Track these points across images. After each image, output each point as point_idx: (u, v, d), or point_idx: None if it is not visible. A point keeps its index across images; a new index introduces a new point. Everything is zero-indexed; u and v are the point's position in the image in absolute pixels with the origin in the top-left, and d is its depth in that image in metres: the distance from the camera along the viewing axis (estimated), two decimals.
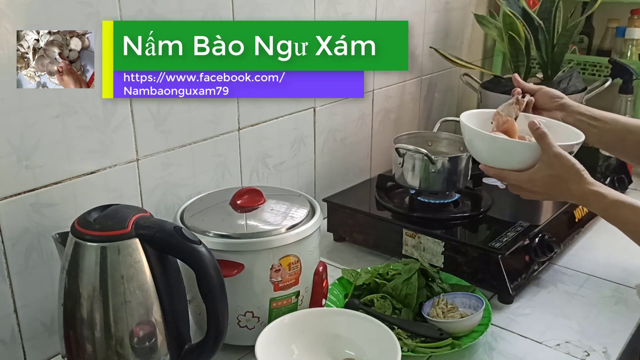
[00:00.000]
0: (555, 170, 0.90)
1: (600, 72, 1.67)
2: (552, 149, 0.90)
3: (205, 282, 0.76)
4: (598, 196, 0.89)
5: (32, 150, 0.83)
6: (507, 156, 0.96)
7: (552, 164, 0.90)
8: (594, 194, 0.89)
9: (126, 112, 0.94)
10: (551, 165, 0.90)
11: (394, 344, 0.83)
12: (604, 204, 0.88)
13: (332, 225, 1.28)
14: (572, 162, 0.90)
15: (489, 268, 1.07)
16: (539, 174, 0.91)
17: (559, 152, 0.90)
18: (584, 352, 0.93)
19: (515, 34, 1.42)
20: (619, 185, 1.45)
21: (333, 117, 1.35)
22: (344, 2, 1.28)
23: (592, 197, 0.89)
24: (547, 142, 0.90)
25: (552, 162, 0.90)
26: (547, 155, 0.90)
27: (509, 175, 0.95)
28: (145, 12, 0.92)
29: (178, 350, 0.80)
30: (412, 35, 1.53)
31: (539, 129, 0.91)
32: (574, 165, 0.90)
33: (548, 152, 0.90)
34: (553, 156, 0.90)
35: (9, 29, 0.78)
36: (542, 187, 0.92)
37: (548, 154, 0.90)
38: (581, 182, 0.89)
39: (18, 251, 0.85)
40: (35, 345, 0.90)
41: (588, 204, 0.91)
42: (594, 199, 0.89)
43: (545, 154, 0.91)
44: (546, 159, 0.91)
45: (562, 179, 0.90)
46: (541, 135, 0.91)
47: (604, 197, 0.88)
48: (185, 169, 1.06)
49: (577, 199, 0.91)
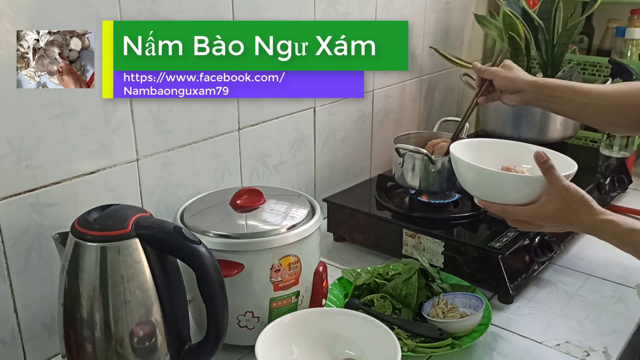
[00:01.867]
0: (565, 203, 0.89)
1: (600, 72, 1.67)
2: (561, 182, 0.89)
3: (205, 282, 0.76)
4: (611, 224, 0.87)
5: (32, 150, 0.83)
6: (511, 191, 0.93)
7: (561, 197, 0.88)
8: (606, 223, 0.87)
9: (126, 112, 0.94)
10: (561, 197, 0.89)
11: (394, 344, 0.83)
12: (618, 232, 0.87)
13: (332, 225, 1.28)
14: (581, 193, 0.89)
15: (489, 268, 1.07)
16: (548, 207, 0.89)
17: (568, 185, 0.89)
18: (584, 352, 0.93)
19: (515, 34, 1.42)
20: (619, 185, 1.45)
21: (333, 117, 1.35)
22: (344, 2, 1.28)
23: (604, 226, 0.87)
24: (555, 174, 0.89)
25: (561, 195, 0.88)
26: (556, 188, 0.89)
27: (516, 210, 0.92)
28: (145, 12, 0.92)
29: (178, 350, 0.80)
30: (412, 35, 1.53)
31: (547, 161, 0.89)
32: (583, 196, 0.89)
33: (557, 184, 0.89)
34: (562, 188, 0.88)
35: (9, 29, 0.78)
36: (551, 220, 0.91)
37: (557, 187, 0.89)
38: (592, 213, 0.88)
39: (18, 251, 0.85)
40: (35, 345, 0.90)
41: (600, 233, 0.89)
42: (607, 227, 0.87)
43: (554, 186, 0.89)
44: (555, 192, 0.89)
45: (572, 210, 0.89)
46: (549, 168, 0.89)
47: (617, 225, 0.87)
48: (185, 169, 1.06)
49: (588, 228, 0.90)
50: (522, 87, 1.06)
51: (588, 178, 1.40)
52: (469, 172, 0.97)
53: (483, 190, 0.96)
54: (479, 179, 0.96)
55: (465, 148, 1.03)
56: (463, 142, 1.07)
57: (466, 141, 1.09)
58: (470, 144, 1.08)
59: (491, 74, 1.10)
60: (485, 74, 1.11)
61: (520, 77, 1.07)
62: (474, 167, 0.95)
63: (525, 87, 1.06)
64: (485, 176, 0.94)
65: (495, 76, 1.09)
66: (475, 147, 1.05)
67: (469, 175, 0.98)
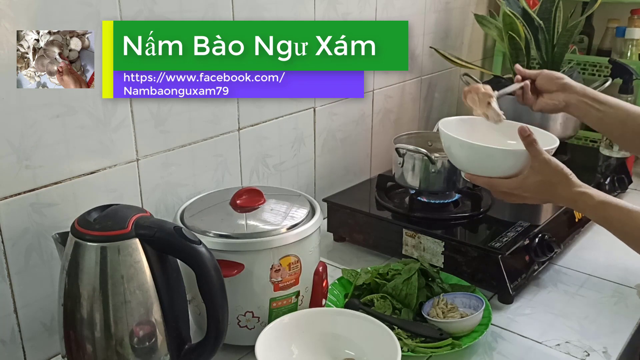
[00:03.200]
0: (545, 176, 0.92)
1: (600, 72, 1.67)
2: (542, 155, 0.92)
3: (205, 282, 0.76)
4: (585, 197, 0.90)
5: (32, 150, 0.83)
6: (496, 164, 0.97)
7: (542, 170, 0.92)
8: (581, 195, 0.91)
9: (126, 112, 0.94)
10: (541, 171, 0.92)
11: (394, 344, 0.83)
12: (591, 204, 0.90)
13: (332, 225, 1.28)
14: (561, 166, 0.92)
15: (489, 268, 1.07)
16: (530, 179, 0.93)
17: (549, 158, 0.92)
18: (584, 352, 0.93)
19: (515, 34, 1.42)
20: (619, 185, 1.45)
21: (333, 117, 1.35)
22: (344, 2, 1.29)
23: (579, 199, 0.91)
24: (537, 148, 0.92)
25: (542, 168, 0.92)
26: (537, 161, 0.92)
27: (499, 183, 0.96)
28: (145, 12, 0.92)
29: (178, 350, 0.80)
30: (412, 35, 1.53)
31: (529, 135, 0.92)
32: (562, 169, 0.92)
33: (538, 158, 0.92)
34: (543, 162, 0.92)
35: (9, 29, 0.78)
36: (532, 192, 0.94)
37: (538, 160, 0.92)
38: (569, 185, 0.91)
39: (18, 251, 0.85)
40: (35, 345, 0.90)
41: (576, 206, 0.93)
42: (582, 200, 0.91)
43: (536, 160, 0.92)
44: (537, 165, 0.92)
45: (551, 183, 0.92)
46: (532, 142, 0.92)
47: (591, 197, 0.90)
48: (185, 169, 1.06)
49: (566, 201, 0.93)
50: (568, 85, 1.06)
51: (588, 178, 1.39)
52: (457, 147, 1.01)
53: (470, 163, 1.00)
54: (466, 153, 1.00)
55: (456, 125, 1.06)
56: (453, 120, 1.10)
57: (456, 118, 1.12)
58: (461, 121, 1.11)
59: (535, 74, 1.09)
60: (528, 73, 1.10)
61: (566, 77, 1.07)
62: (462, 142, 0.99)
63: (571, 85, 1.06)
64: (472, 150, 0.98)
65: (539, 73, 1.09)
66: (465, 125, 1.08)
67: (457, 149, 1.02)
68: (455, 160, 1.04)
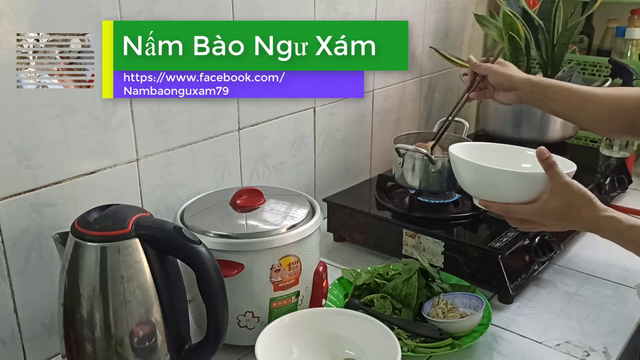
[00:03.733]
0: (568, 199, 0.88)
1: (600, 72, 1.67)
2: (563, 178, 0.88)
3: (205, 282, 0.76)
4: (613, 221, 0.86)
5: (32, 150, 0.83)
6: (513, 189, 0.91)
7: (564, 193, 0.88)
8: (608, 220, 0.86)
9: (126, 112, 0.94)
10: (563, 194, 0.88)
11: (394, 344, 0.83)
12: (620, 230, 0.86)
13: (332, 225, 1.28)
14: (583, 189, 0.88)
15: (489, 268, 1.07)
16: (550, 204, 0.88)
17: (570, 181, 0.88)
18: (584, 352, 0.93)
19: (515, 34, 1.42)
20: (619, 185, 1.45)
21: (333, 117, 1.35)
22: (344, 2, 1.29)
23: (606, 223, 0.87)
24: (558, 171, 0.88)
25: (563, 191, 0.88)
26: (557, 185, 0.88)
27: (516, 209, 0.91)
28: (145, 12, 0.92)
29: (178, 350, 0.80)
30: (412, 35, 1.53)
31: (548, 158, 0.88)
32: (585, 193, 0.88)
33: (559, 181, 0.88)
34: (564, 185, 0.87)
35: (9, 29, 0.78)
36: (553, 217, 0.89)
37: (559, 183, 0.88)
38: (594, 210, 0.87)
39: (18, 251, 0.85)
40: (35, 345, 0.90)
41: (602, 231, 0.88)
42: (609, 224, 0.87)
43: (556, 183, 0.88)
44: (557, 189, 0.88)
45: (574, 207, 0.88)
46: (551, 164, 0.88)
47: (620, 222, 0.86)
48: (185, 169, 1.06)
49: (590, 225, 0.89)
50: (517, 84, 1.06)
51: (588, 178, 1.40)
52: (468, 171, 0.97)
53: (483, 189, 0.96)
54: (478, 178, 0.96)
55: (465, 151, 1.03)
56: (462, 145, 1.06)
57: (466, 144, 1.09)
58: (470, 147, 1.08)
59: (486, 70, 1.09)
60: (480, 69, 1.10)
61: (516, 74, 1.07)
62: (473, 165, 0.95)
63: (520, 84, 1.06)
64: (485, 174, 0.94)
65: (490, 72, 1.09)
66: (475, 150, 1.05)
67: (467, 174, 0.97)
68: (468, 186, 0.98)
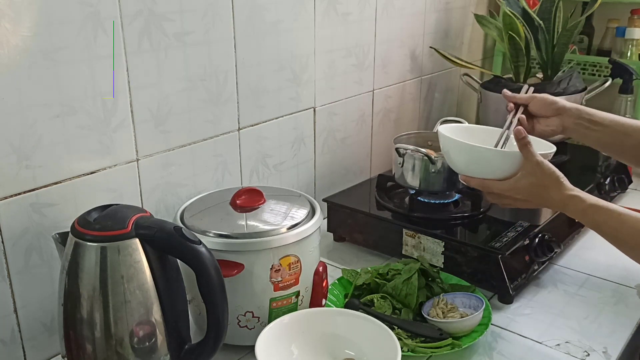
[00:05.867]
0: (537, 178, 0.92)
1: (600, 72, 1.67)
2: (535, 157, 0.92)
3: (205, 282, 0.76)
4: (576, 200, 0.90)
5: (32, 150, 0.83)
6: (490, 165, 0.98)
7: (534, 172, 0.92)
8: (572, 198, 0.90)
9: (126, 112, 0.94)
10: (533, 173, 0.92)
11: (394, 344, 0.83)
12: (581, 208, 0.90)
13: (332, 225, 1.28)
14: (553, 169, 0.92)
15: (489, 268, 1.07)
16: (522, 182, 0.94)
17: (541, 160, 0.93)
18: (584, 352, 0.93)
19: (515, 34, 1.42)
20: (619, 185, 1.45)
21: (333, 117, 1.35)
22: (343, 2, 1.28)
23: (570, 202, 0.91)
24: (530, 150, 0.93)
25: (534, 170, 0.92)
26: (529, 163, 0.93)
27: (492, 184, 0.97)
28: (145, 12, 0.92)
29: (178, 350, 0.80)
30: (412, 35, 1.53)
31: (524, 137, 0.93)
32: (554, 172, 0.92)
33: (531, 160, 0.93)
34: (535, 164, 0.92)
35: (9, 29, 0.78)
36: (524, 194, 0.94)
37: (531, 162, 0.93)
38: (560, 188, 0.92)
39: (18, 251, 0.85)
40: (35, 345, 0.90)
41: (567, 209, 0.92)
42: (572, 203, 0.90)
43: (528, 162, 0.93)
44: (529, 167, 0.93)
45: (543, 185, 0.92)
46: (526, 144, 0.93)
47: (582, 201, 0.90)
48: (185, 169, 1.06)
49: (557, 204, 0.93)
50: (562, 109, 1.03)
51: (588, 178, 1.40)
52: (452, 148, 1.03)
53: (464, 165, 1.02)
54: (460, 154, 1.02)
55: (455, 131, 1.08)
56: (452, 127, 1.11)
57: (455, 125, 1.14)
58: (459, 128, 1.13)
59: (527, 99, 1.05)
60: (522, 99, 1.06)
61: (560, 100, 1.04)
62: (458, 143, 1.01)
63: (566, 109, 1.03)
64: (468, 151, 0.99)
65: (532, 99, 1.05)
66: (465, 132, 1.10)
67: (452, 151, 1.03)
68: (452, 162, 1.05)
